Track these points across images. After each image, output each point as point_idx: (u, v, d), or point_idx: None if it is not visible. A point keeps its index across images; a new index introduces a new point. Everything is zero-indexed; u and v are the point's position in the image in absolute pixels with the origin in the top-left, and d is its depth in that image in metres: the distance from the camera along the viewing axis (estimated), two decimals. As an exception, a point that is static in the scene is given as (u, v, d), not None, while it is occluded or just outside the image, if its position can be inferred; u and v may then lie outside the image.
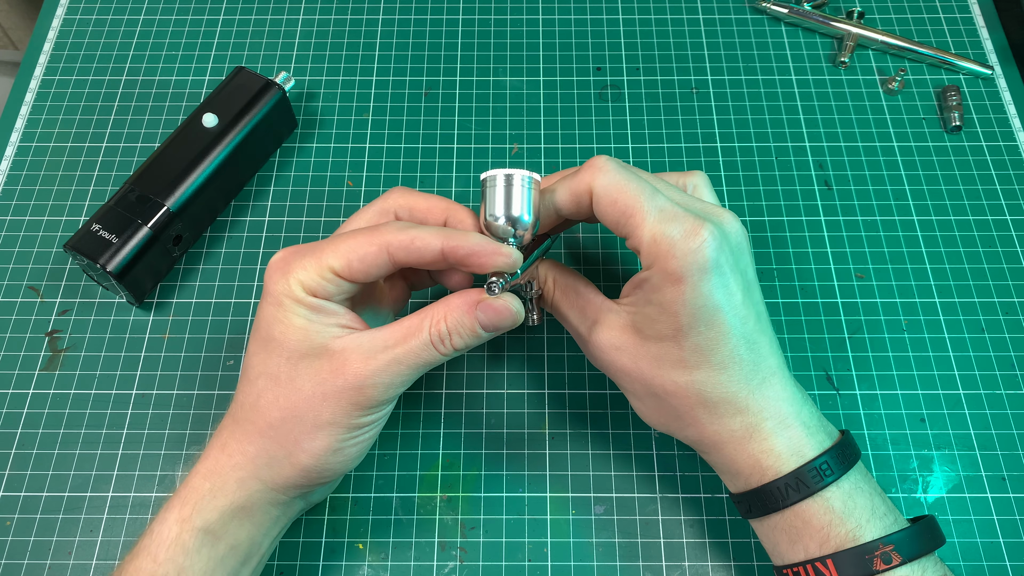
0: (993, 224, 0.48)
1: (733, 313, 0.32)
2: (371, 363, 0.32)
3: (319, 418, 0.32)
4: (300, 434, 0.32)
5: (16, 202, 0.49)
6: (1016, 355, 0.44)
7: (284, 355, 0.32)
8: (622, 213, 0.32)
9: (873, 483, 0.33)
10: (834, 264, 0.47)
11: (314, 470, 0.33)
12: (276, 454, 0.32)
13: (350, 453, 0.33)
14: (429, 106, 0.52)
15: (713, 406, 0.32)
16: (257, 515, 0.33)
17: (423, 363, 0.32)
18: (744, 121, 0.52)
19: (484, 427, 0.42)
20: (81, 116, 0.52)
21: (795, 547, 0.32)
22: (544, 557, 0.39)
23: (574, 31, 0.55)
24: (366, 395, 0.32)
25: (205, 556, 0.31)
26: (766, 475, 0.32)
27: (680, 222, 0.31)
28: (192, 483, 0.33)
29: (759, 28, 0.56)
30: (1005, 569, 0.39)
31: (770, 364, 0.33)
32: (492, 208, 0.33)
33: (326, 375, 0.32)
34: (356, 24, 0.56)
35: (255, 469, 0.33)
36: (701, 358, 0.32)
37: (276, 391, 0.32)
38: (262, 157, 0.50)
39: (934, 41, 0.55)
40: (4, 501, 0.40)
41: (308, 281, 0.32)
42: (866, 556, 0.30)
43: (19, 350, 0.44)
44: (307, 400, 0.32)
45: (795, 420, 0.32)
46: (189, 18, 0.56)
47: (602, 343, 0.35)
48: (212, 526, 0.32)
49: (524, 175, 0.33)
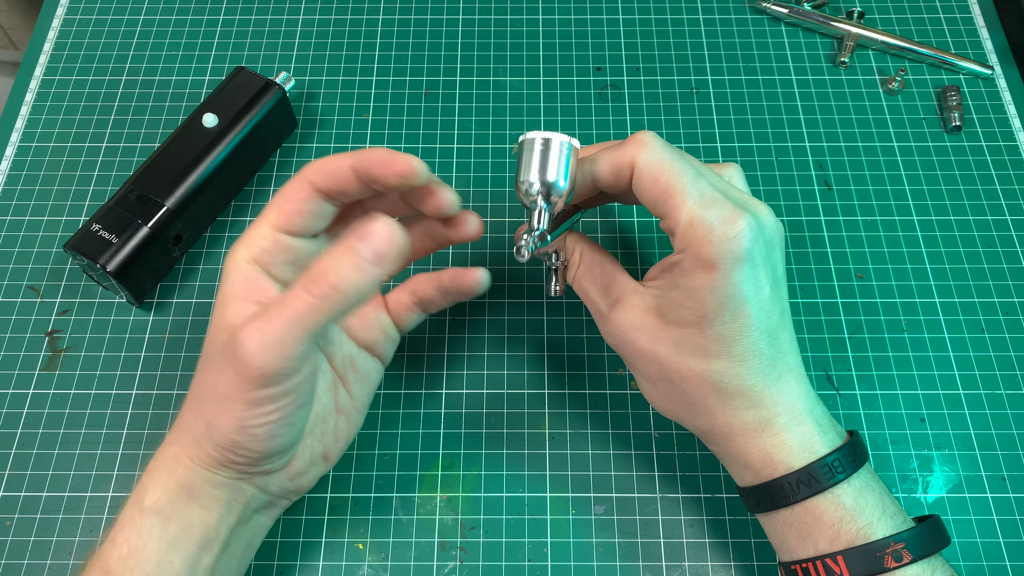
0: (993, 224, 0.48)
1: (759, 306, 0.31)
2: (246, 328, 0.29)
3: (218, 393, 0.30)
4: (209, 411, 0.31)
5: (16, 202, 0.49)
6: (1016, 355, 0.44)
7: (214, 329, 0.32)
8: (662, 192, 0.32)
9: (881, 483, 0.33)
10: (834, 264, 0.47)
11: (228, 446, 0.31)
12: (196, 429, 0.32)
13: (258, 433, 0.31)
14: (429, 106, 0.52)
15: (728, 397, 0.32)
16: (201, 496, 0.32)
17: (300, 316, 0.28)
18: (744, 121, 0.52)
19: (484, 427, 0.42)
20: (81, 116, 0.52)
21: (805, 543, 0.32)
22: (544, 557, 0.39)
23: (574, 31, 0.55)
24: (244, 362, 0.29)
25: (156, 536, 0.31)
26: (776, 469, 0.32)
27: (719, 208, 0.31)
28: (149, 464, 0.33)
29: (759, 28, 0.56)
30: (1005, 569, 0.39)
31: (788, 360, 0.33)
32: (527, 172, 0.33)
33: (227, 347, 0.30)
34: (356, 24, 0.56)
35: (183, 446, 0.32)
36: (722, 348, 0.32)
37: (204, 364, 0.33)
38: (262, 157, 0.50)
39: (934, 41, 0.55)
40: (4, 501, 0.40)
41: (250, 247, 0.32)
42: (877, 553, 0.30)
43: (19, 350, 0.44)
44: (212, 374, 0.31)
45: (808, 417, 0.32)
46: (189, 18, 0.56)
47: (622, 322, 0.34)
48: (160, 506, 0.31)
49: (563, 139, 0.32)
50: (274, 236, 0.32)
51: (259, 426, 0.31)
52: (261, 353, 0.28)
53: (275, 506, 0.36)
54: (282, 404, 0.31)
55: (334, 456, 0.37)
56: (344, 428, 0.37)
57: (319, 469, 0.36)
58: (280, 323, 0.29)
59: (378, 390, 0.43)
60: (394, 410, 0.43)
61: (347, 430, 0.37)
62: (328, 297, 0.28)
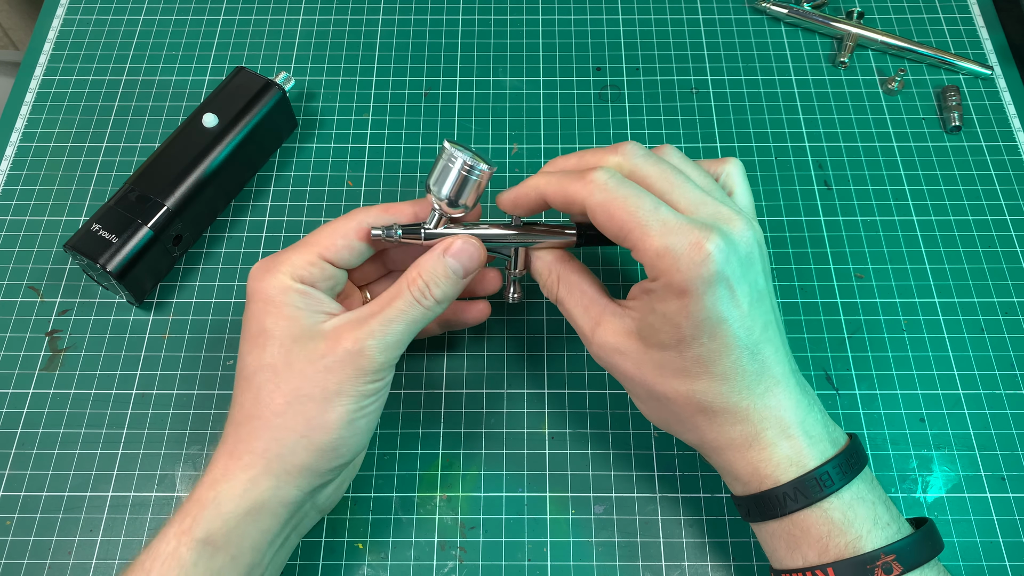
0: (993, 224, 0.48)
1: (738, 323, 0.31)
2: (364, 328, 0.33)
3: (327, 391, 0.32)
4: (310, 412, 0.32)
5: (16, 202, 0.49)
6: (1015, 355, 0.44)
7: (277, 344, 0.33)
8: (620, 228, 0.32)
9: (878, 490, 0.33)
10: (833, 264, 0.47)
11: (329, 447, 0.33)
12: (287, 441, 0.32)
13: (360, 426, 0.34)
14: (429, 106, 0.52)
15: (713, 414, 0.32)
16: (264, 518, 0.32)
17: (411, 320, 0.34)
18: (744, 121, 0.52)
19: (484, 427, 0.42)
20: (81, 116, 0.52)
21: (794, 554, 0.32)
22: (544, 557, 0.39)
23: (574, 31, 0.55)
24: (367, 357, 0.33)
25: (201, 568, 0.31)
26: (764, 483, 0.32)
27: (684, 235, 0.30)
28: (196, 495, 0.32)
29: (759, 28, 0.56)
30: (1005, 569, 0.39)
31: (774, 373, 0.32)
32: (433, 179, 0.35)
33: (324, 351, 0.33)
34: (356, 24, 0.56)
35: (266, 464, 0.32)
36: (702, 369, 0.32)
37: (276, 380, 0.33)
38: (262, 157, 0.50)
39: (934, 41, 0.55)
40: (4, 501, 0.40)
41: (296, 270, 0.35)
42: (867, 566, 0.30)
43: (19, 350, 0.44)
44: (310, 379, 0.32)
45: (797, 429, 0.32)
46: (189, 18, 0.56)
47: (605, 345, 0.34)
48: (213, 536, 0.31)
49: (468, 164, 0.34)
50: (322, 264, 0.35)
51: (363, 418, 0.34)
52: (386, 351, 0.33)
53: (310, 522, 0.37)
54: (380, 395, 0.35)
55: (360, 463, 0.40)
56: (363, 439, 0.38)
57: (349, 481, 0.39)
58: (400, 327, 0.34)
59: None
60: (394, 410, 0.43)
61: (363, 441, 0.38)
62: (432, 308, 0.34)
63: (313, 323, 0.34)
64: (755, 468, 0.32)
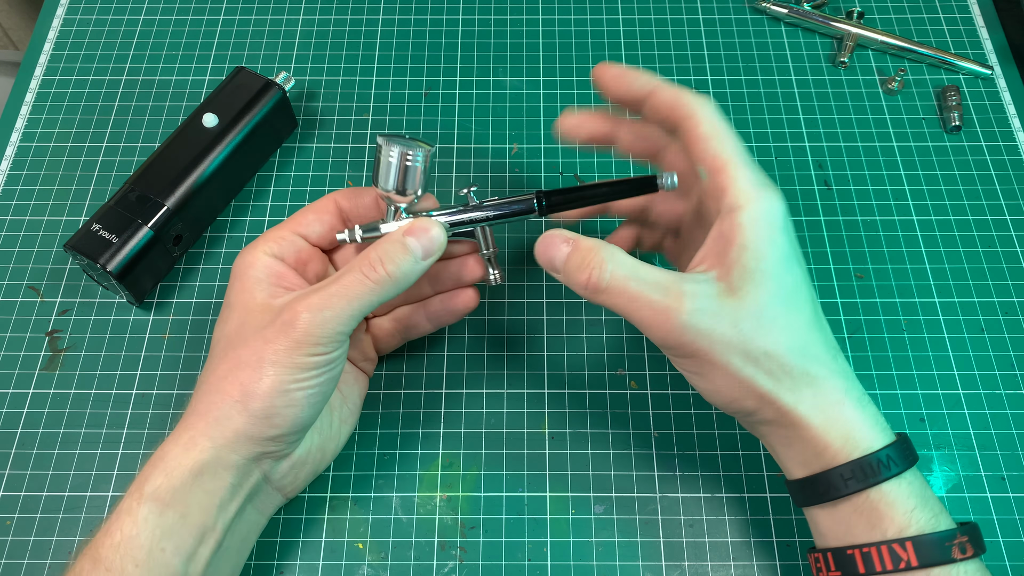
0: (993, 224, 0.48)
1: (803, 267, 0.33)
2: (304, 300, 0.33)
3: (262, 359, 0.33)
4: (245, 379, 0.33)
5: (16, 202, 0.49)
6: (1015, 355, 0.44)
7: (236, 315, 0.35)
8: (720, 153, 0.33)
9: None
10: (833, 264, 0.47)
11: (262, 414, 0.33)
12: (223, 404, 0.33)
13: (297, 398, 0.33)
14: (429, 106, 0.52)
15: (809, 363, 0.31)
16: (207, 479, 0.32)
17: (355, 295, 0.33)
18: (744, 121, 0.52)
19: (484, 427, 0.42)
20: (81, 116, 0.52)
21: (873, 530, 0.31)
22: (544, 557, 0.39)
23: (574, 31, 0.55)
24: (299, 328, 0.32)
25: (151, 524, 0.31)
26: (859, 447, 0.31)
27: (767, 180, 0.33)
28: (152, 456, 0.33)
29: (759, 28, 0.56)
30: (1005, 569, 0.39)
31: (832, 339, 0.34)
32: (377, 176, 0.36)
33: (267, 322, 0.33)
34: (356, 24, 0.56)
35: (204, 427, 0.33)
36: (795, 308, 0.32)
37: (226, 348, 0.34)
38: (262, 157, 0.50)
39: (934, 41, 0.55)
40: (4, 501, 0.40)
41: (269, 244, 0.36)
42: (946, 543, 0.30)
43: (19, 350, 0.44)
44: (250, 347, 0.33)
45: (865, 395, 0.33)
46: (189, 18, 0.56)
47: (703, 312, 0.31)
48: (161, 492, 0.32)
49: (406, 152, 0.35)
50: (292, 238, 0.37)
51: (299, 390, 0.33)
52: (322, 324, 0.32)
53: (270, 501, 0.37)
54: (321, 372, 0.34)
55: (330, 454, 0.39)
56: (338, 427, 0.39)
57: (313, 467, 0.38)
58: (341, 301, 0.33)
59: (378, 390, 0.43)
60: (394, 410, 0.43)
61: (340, 430, 0.39)
62: (383, 282, 0.33)
63: (269, 296, 0.35)
64: (848, 432, 0.31)
